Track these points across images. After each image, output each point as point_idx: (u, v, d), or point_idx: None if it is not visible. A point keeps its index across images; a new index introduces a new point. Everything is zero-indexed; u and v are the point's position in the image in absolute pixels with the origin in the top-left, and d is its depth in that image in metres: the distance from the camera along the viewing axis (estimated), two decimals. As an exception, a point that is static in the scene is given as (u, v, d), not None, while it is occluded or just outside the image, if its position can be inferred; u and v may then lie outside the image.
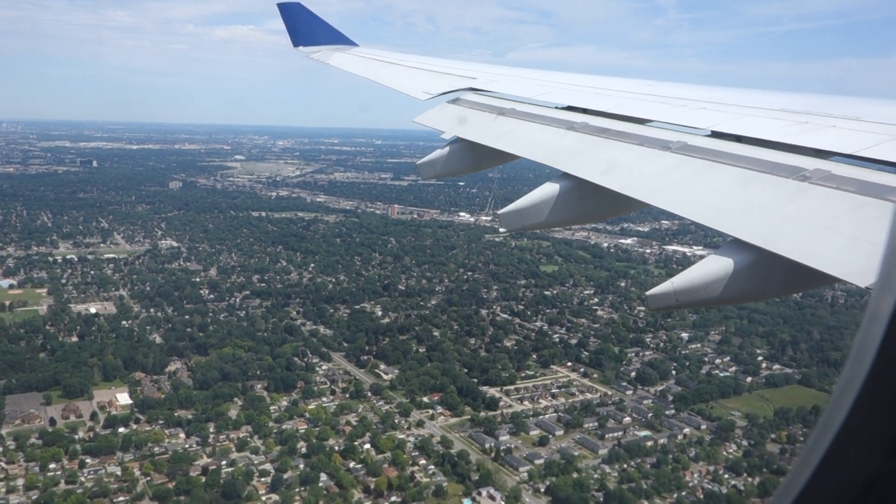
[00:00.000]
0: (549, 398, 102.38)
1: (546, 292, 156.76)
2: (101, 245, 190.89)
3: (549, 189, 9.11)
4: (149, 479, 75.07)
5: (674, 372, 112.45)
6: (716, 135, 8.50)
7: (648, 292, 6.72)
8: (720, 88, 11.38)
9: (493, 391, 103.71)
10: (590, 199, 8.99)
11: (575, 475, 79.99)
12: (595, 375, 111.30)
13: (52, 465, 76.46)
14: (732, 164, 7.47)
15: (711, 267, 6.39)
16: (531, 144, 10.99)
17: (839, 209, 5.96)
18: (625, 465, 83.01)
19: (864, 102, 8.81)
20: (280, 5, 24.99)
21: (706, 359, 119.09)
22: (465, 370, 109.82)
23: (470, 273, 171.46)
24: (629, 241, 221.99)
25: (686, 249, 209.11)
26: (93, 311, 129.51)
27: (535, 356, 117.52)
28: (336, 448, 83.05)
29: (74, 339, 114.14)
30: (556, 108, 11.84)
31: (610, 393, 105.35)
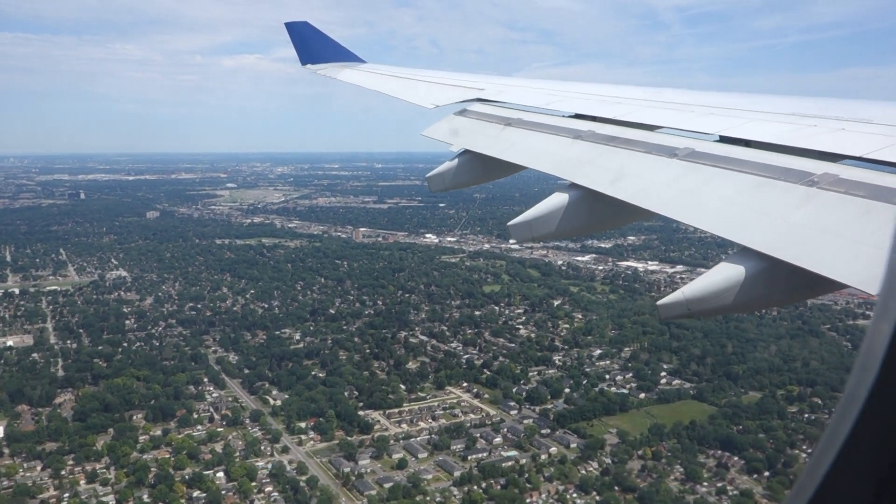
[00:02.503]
0: (430, 420, 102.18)
1: (477, 312, 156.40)
2: (51, 277, 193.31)
3: (557, 199, 9.13)
4: (-16, 512, 75.87)
5: (568, 390, 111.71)
6: (724, 140, 8.51)
7: (659, 302, 6.66)
8: (728, 94, 11.43)
9: (376, 414, 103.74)
10: (598, 209, 9.00)
11: (419, 498, 79.70)
12: (486, 396, 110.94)
13: None
14: (740, 171, 7.46)
15: (722, 275, 6.34)
16: (538, 155, 11.07)
17: (848, 214, 5.93)
18: (474, 487, 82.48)
19: (874, 105, 8.78)
20: (288, 24, 25.37)
21: (607, 375, 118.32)
22: (357, 393, 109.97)
23: (407, 295, 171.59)
24: (586, 257, 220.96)
25: (639, 265, 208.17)
26: (9, 343, 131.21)
27: (432, 378, 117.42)
28: (187, 477, 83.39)
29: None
30: (564, 116, 11.95)
31: (494, 413, 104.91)
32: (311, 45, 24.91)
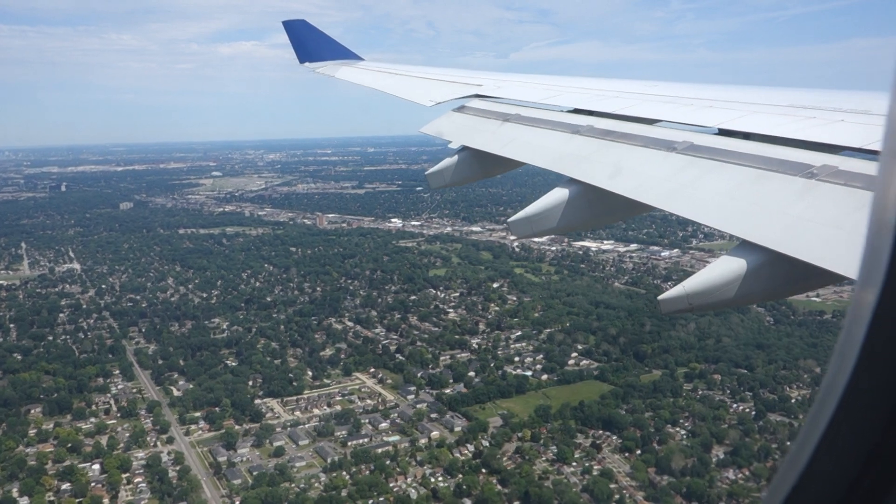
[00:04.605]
0: (325, 407, 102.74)
1: (413, 297, 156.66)
2: (2, 272, 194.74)
3: (557, 195, 9.12)
4: None
5: (472, 373, 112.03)
6: (723, 133, 8.57)
7: (660, 297, 6.63)
8: (728, 87, 11.41)
9: (273, 402, 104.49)
10: (598, 204, 9.02)
11: (284, 485, 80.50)
12: (389, 381, 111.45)
13: None
14: (739, 164, 7.46)
15: (723, 269, 6.36)
16: (537, 150, 11.07)
17: (846, 206, 5.92)
18: (343, 473, 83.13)
19: (873, 96, 8.74)
20: (285, 23, 25.52)
21: (518, 357, 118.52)
22: (261, 381, 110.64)
23: (350, 281, 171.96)
24: (543, 238, 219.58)
25: (593, 245, 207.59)
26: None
27: (342, 364, 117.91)
28: (62, 469, 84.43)
29: None
30: (562, 111, 11.96)
31: (391, 398, 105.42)
32: (309, 43, 24.98)
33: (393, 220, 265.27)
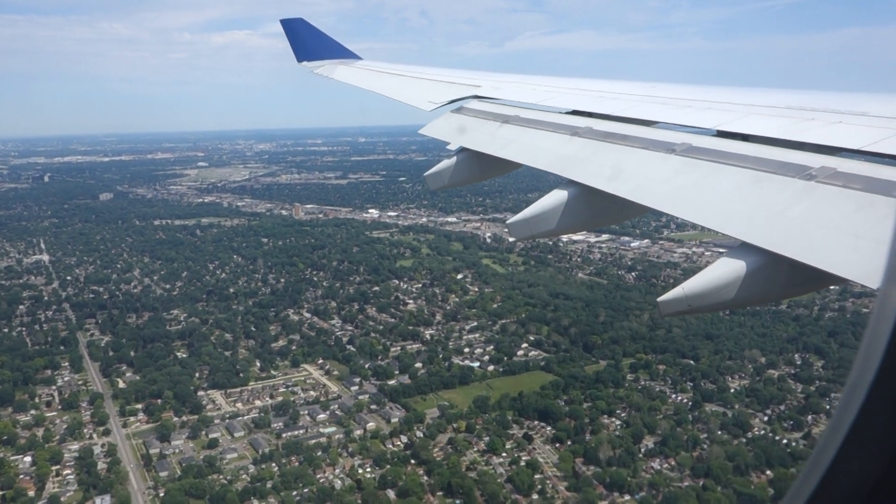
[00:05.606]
0: (267, 398, 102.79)
1: (375, 288, 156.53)
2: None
3: (556, 197, 9.16)
4: None
5: (419, 365, 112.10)
6: (721, 134, 8.61)
7: (660, 298, 6.65)
8: (726, 89, 11.45)
9: (217, 394, 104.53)
10: (597, 206, 9.06)
11: (212, 477, 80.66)
12: (336, 373, 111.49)
13: None
14: (738, 165, 7.51)
15: (722, 270, 6.37)
16: (536, 152, 11.11)
17: (846, 208, 5.94)
18: (273, 465, 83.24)
19: (870, 98, 8.87)
20: (283, 22, 25.45)
21: (468, 349, 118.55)
22: (207, 373, 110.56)
23: (315, 272, 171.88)
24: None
25: (565, 235, 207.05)
26: None
27: (291, 356, 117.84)
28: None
29: None
30: (561, 113, 12.01)
31: (335, 390, 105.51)
32: (307, 42, 24.89)
33: (370, 210, 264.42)
